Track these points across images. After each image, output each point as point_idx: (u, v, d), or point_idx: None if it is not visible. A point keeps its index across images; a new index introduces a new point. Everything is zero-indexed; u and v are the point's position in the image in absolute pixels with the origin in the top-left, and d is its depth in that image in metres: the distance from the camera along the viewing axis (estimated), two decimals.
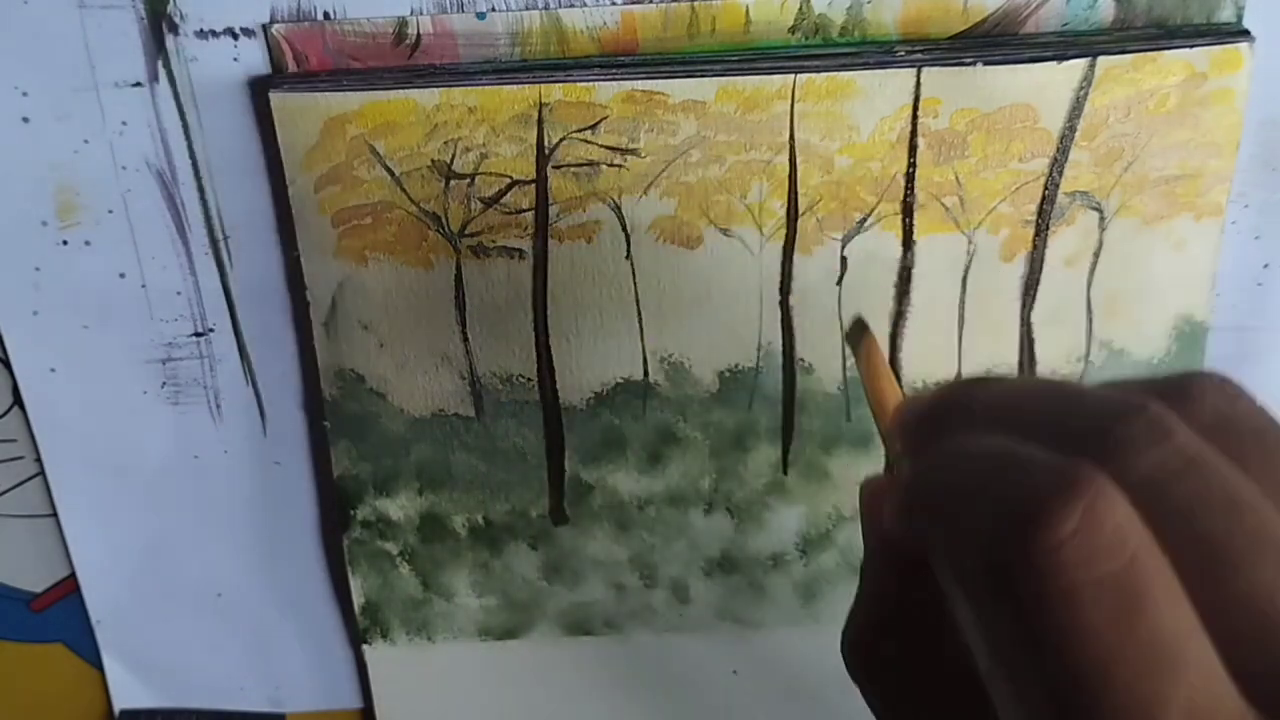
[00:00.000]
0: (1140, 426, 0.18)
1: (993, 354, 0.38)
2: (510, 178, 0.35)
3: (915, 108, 0.34)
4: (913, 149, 0.35)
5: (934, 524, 0.20)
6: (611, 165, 0.35)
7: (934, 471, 0.20)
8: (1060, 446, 0.18)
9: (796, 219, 0.36)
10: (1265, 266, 0.38)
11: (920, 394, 0.23)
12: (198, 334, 0.39)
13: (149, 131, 0.35)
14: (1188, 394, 0.20)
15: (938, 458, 0.21)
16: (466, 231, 0.36)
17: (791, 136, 0.34)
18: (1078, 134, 0.35)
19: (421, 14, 0.34)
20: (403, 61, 0.34)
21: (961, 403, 0.22)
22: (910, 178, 0.35)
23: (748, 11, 0.34)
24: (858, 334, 0.26)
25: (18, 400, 0.40)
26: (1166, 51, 0.34)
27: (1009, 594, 0.17)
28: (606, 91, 0.34)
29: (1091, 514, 0.17)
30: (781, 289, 0.37)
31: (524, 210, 0.35)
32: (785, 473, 0.40)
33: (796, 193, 0.35)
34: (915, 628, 0.22)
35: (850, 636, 0.23)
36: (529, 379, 0.38)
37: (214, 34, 0.34)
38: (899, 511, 0.21)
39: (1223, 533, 0.17)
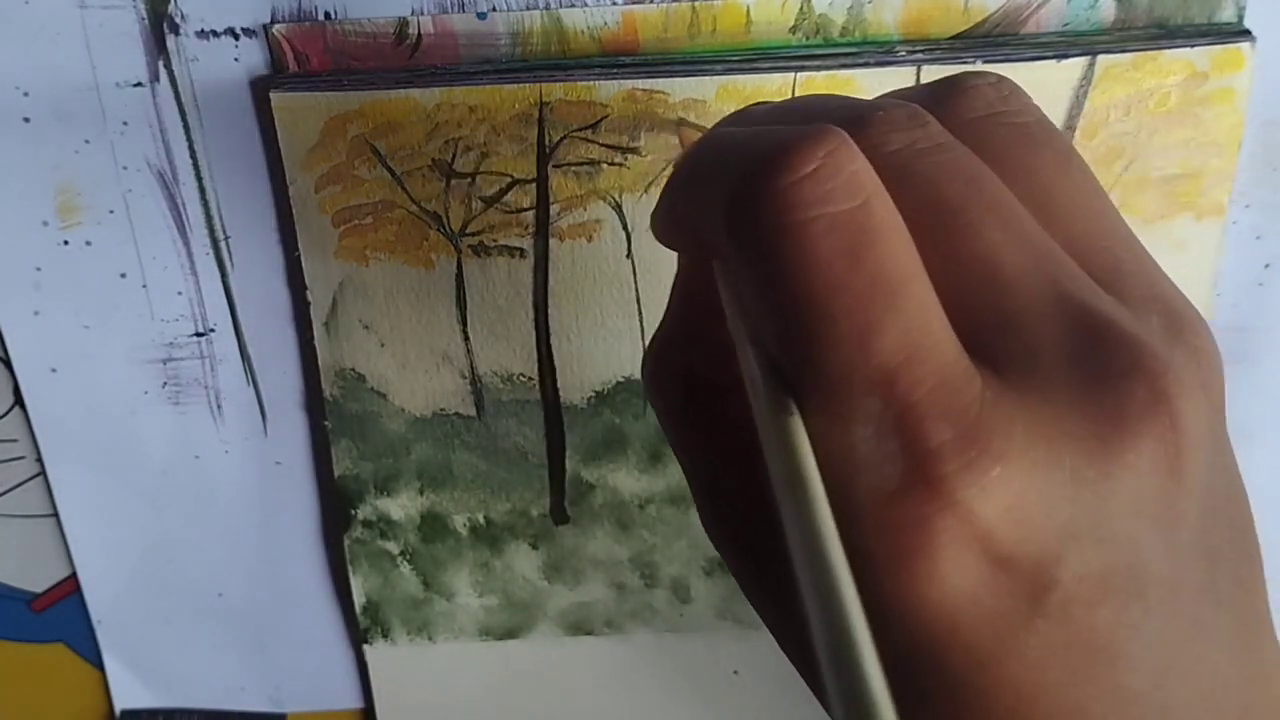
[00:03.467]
0: (897, 114, 0.19)
1: None
2: (511, 177, 0.35)
3: None
4: None
5: (686, 196, 0.21)
6: (612, 164, 0.35)
7: (686, 154, 0.21)
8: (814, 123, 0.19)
9: None
10: (1266, 266, 0.38)
11: None
12: (198, 334, 0.39)
13: (150, 131, 0.35)
14: (958, 89, 0.20)
15: (696, 143, 0.21)
16: (467, 231, 0.36)
17: None
18: (1078, 133, 0.35)
19: (422, 14, 0.34)
20: (403, 61, 0.34)
21: (731, 116, 0.23)
22: None
23: (748, 12, 0.34)
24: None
25: (18, 400, 0.40)
26: (1167, 51, 0.34)
27: (746, 235, 0.18)
28: (607, 90, 0.34)
29: (830, 159, 0.17)
30: None
31: (525, 209, 0.35)
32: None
33: None
34: (701, 349, 0.23)
35: (646, 351, 0.24)
36: (530, 378, 0.38)
37: (215, 34, 0.34)
38: (661, 202, 0.22)
39: (960, 198, 0.18)
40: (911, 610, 0.16)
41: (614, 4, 0.34)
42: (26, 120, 0.35)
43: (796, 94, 0.34)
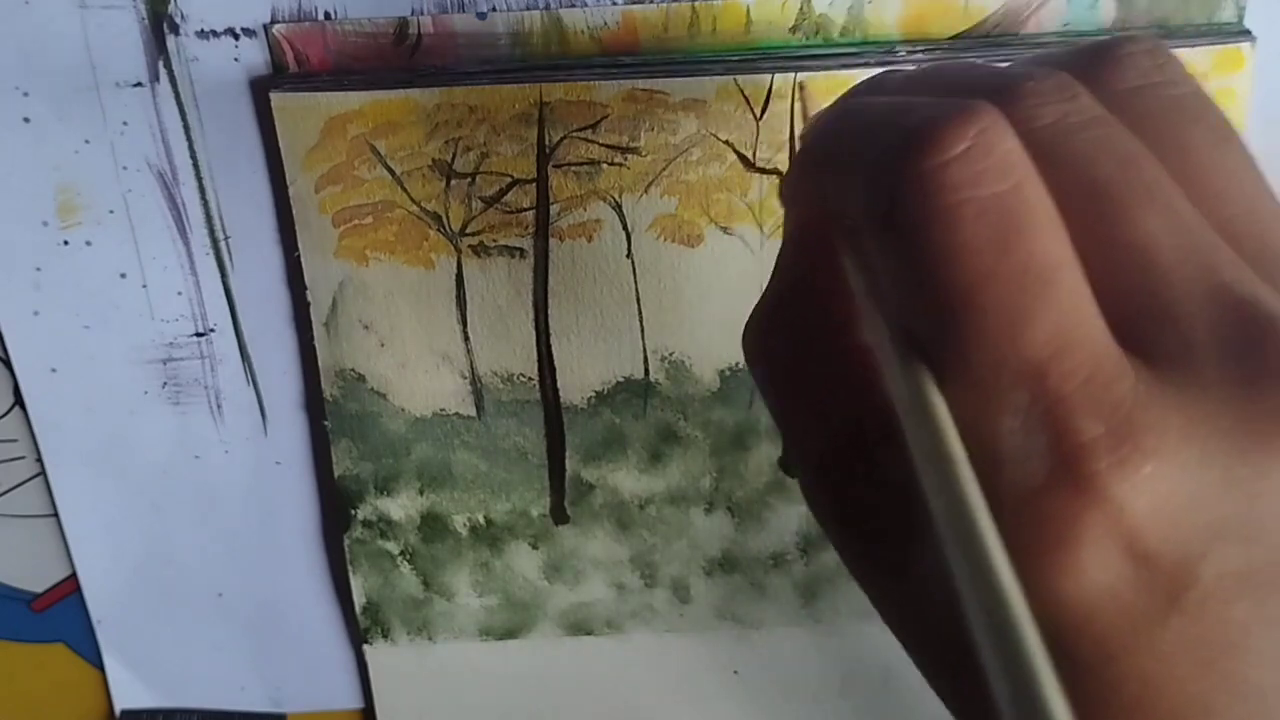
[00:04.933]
0: (1047, 85, 0.18)
1: None
2: (511, 177, 0.35)
3: None
4: None
5: (824, 170, 0.20)
6: (612, 164, 0.35)
7: (824, 122, 0.20)
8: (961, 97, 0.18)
9: None
10: None
11: None
12: (198, 334, 0.39)
13: (150, 131, 0.35)
14: (1110, 57, 0.19)
15: (832, 113, 0.20)
16: (467, 231, 0.36)
17: (792, 135, 0.34)
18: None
19: (422, 14, 0.34)
20: (403, 61, 0.34)
21: (871, 82, 0.22)
22: None
23: (748, 12, 0.34)
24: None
25: (18, 400, 0.40)
26: None
27: (892, 217, 0.17)
28: (607, 90, 0.34)
29: (981, 138, 0.17)
30: None
31: (525, 209, 0.35)
32: (786, 472, 0.40)
33: None
34: (817, 311, 0.22)
35: (751, 318, 0.23)
36: (530, 378, 0.38)
37: (215, 34, 0.34)
38: (793, 172, 0.21)
39: (1115, 181, 0.17)
40: (1048, 600, 0.16)
41: (614, 4, 0.34)
42: (26, 120, 0.35)
43: (797, 94, 0.34)
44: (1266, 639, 0.16)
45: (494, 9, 0.34)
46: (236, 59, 0.34)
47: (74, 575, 0.43)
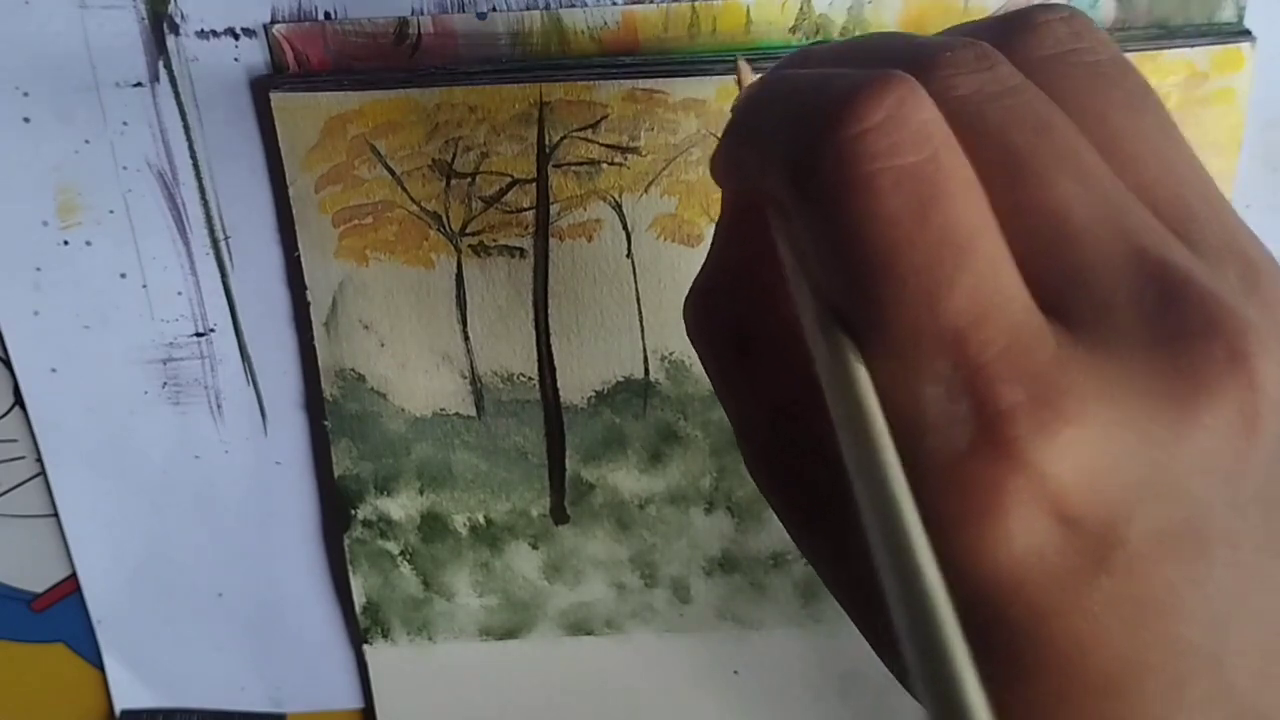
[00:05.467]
0: (965, 55, 0.18)
1: None
2: (511, 176, 0.35)
3: None
4: None
5: (748, 144, 0.20)
6: (612, 164, 0.35)
7: (750, 96, 0.20)
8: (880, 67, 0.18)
9: None
10: None
11: None
12: (198, 334, 0.39)
13: (150, 131, 0.35)
14: (1028, 24, 0.20)
15: (756, 86, 0.20)
16: (467, 230, 0.36)
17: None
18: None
19: (422, 14, 0.34)
20: (403, 61, 0.34)
21: (796, 56, 0.22)
22: None
23: (748, 12, 0.34)
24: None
25: (18, 400, 0.40)
26: (1167, 51, 0.34)
27: (810, 187, 0.17)
28: (607, 90, 0.34)
29: (899, 108, 0.17)
30: None
31: (525, 209, 0.35)
32: None
33: None
34: (750, 293, 0.22)
35: (690, 296, 0.23)
36: (530, 378, 0.38)
37: (215, 34, 0.34)
38: (720, 148, 0.21)
39: (1030, 147, 0.17)
40: (976, 566, 0.16)
41: (614, 4, 0.34)
42: (26, 120, 0.35)
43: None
44: (1195, 596, 0.16)
45: (494, 9, 0.34)
46: (236, 59, 0.34)
47: (74, 575, 0.43)
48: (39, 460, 0.41)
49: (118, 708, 0.45)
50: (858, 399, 0.17)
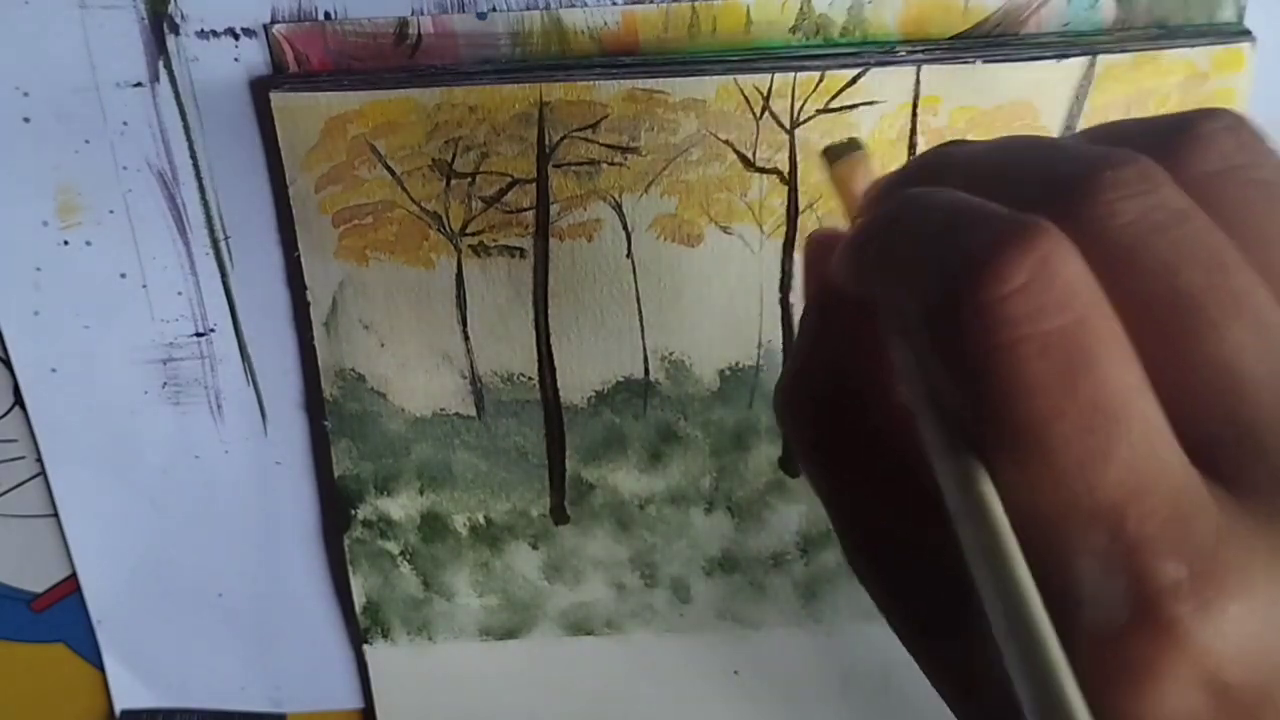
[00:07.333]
0: (1127, 174, 0.17)
1: None
2: (511, 176, 0.35)
3: (915, 105, 0.34)
4: (912, 146, 0.35)
5: (879, 269, 0.19)
6: (612, 164, 0.35)
7: (885, 217, 0.19)
8: (1028, 199, 0.17)
9: (797, 216, 0.36)
10: None
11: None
12: (198, 334, 0.39)
13: (150, 131, 0.35)
14: (1191, 136, 0.18)
15: (892, 205, 0.19)
16: (467, 230, 0.36)
17: (792, 134, 0.34)
18: (1077, 132, 0.35)
19: (422, 14, 0.34)
20: (403, 61, 0.34)
21: (934, 163, 0.21)
22: None
23: (748, 12, 0.34)
24: (844, 151, 0.23)
25: (18, 400, 0.40)
26: (1167, 51, 0.34)
27: (950, 345, 0.17)
28: (607, 90, 0.34)
29: (1043, 268, 0.16)
30: (782, 286, 0.37)
31: (525, 209, 0.35)
32: (786, 472, 0.40)
33: (797, 190, 0.35)
34: (846, 380, 0.21)
35: (782, 383, 0.22)
36: (530, 378, 0.38)
37: (215, 34, 0.34)
38: (845, 258, 0.20)
39: (1200, 290, 0.16)
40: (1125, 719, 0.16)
41: (614, 4, 0.34)
42: (26, 120, 0.35)
43: (797, 93, 0.34)
44: None
45: (494, 9, 0.34)
46: (236, 59, 0.34)
47: (74, 575, 0.43)
48: (39, 460, 0.41)
49: (118, 708, 0.45)
50: (1003, 550, 0.16)
